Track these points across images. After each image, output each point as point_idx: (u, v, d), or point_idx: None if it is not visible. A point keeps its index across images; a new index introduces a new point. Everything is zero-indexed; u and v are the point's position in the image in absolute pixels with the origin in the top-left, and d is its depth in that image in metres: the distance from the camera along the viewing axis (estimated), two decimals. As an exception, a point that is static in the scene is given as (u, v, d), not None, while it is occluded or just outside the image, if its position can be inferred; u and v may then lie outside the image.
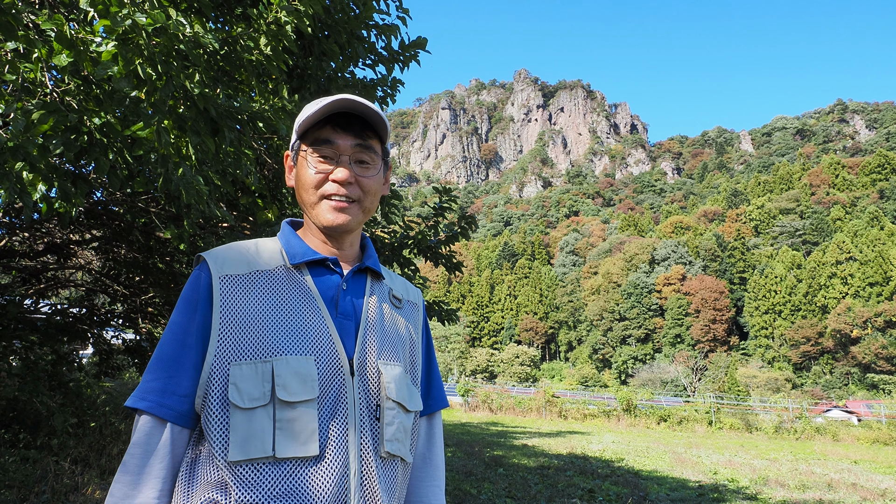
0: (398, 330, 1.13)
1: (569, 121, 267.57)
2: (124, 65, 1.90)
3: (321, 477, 0.93)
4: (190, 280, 1.03)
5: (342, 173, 1.04)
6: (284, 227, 1.13)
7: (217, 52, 2.43)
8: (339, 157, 1.05)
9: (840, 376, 65.55)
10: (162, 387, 0.95)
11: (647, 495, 7.28)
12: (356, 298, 1.08)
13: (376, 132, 1.09)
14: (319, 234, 1.09)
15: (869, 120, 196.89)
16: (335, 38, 3.98)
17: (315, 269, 1.07)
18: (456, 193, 6.62)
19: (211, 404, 0.94)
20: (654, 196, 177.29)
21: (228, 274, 1.01)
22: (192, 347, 0.97)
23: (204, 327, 0.98)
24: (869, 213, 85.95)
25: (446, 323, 5.81)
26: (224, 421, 0.93)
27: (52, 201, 2.15)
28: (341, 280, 1.07)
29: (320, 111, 1.03)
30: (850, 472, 10.58)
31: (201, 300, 0.99)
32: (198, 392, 0.96)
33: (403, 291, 1.22)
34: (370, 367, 1.04)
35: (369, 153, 1.07)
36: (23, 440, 5.50)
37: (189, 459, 0.97)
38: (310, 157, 1.06)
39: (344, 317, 1.04)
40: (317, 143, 1.05)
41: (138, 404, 0.94)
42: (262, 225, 4.74)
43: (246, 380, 0.93)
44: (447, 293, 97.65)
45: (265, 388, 0.93)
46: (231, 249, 1.05)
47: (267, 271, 1.03)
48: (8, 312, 5.41)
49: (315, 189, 1.05)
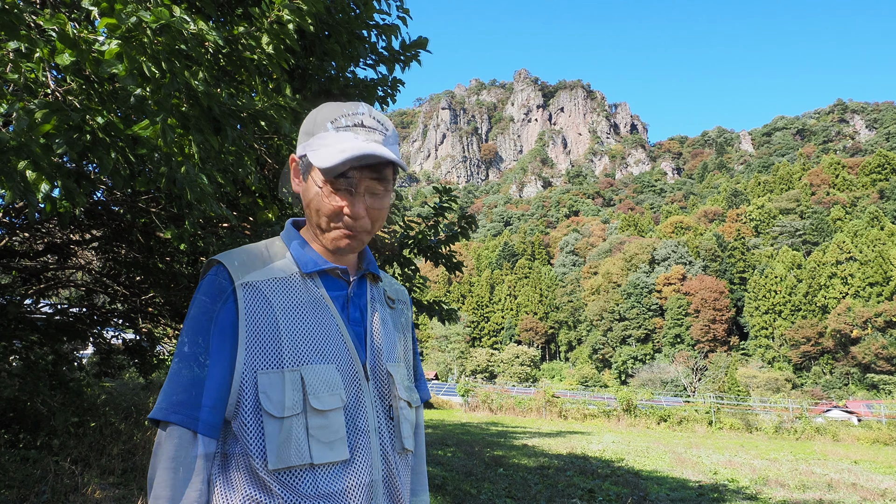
0: (396, 330, 1.19)
1: (569, 121, 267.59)
2: (129, 63, 1.90)
3: (353, 479, 0.98)
4: (207, 285, 1.01)
5: (357, 209, 1.02)
6: (289, 230, 1.13)
7: (220, 49, 2.43)
8: (355, 190, 1.02)
9: (840, 376, 65.58)
10: (191, 399, 0.95)
11: (647, 495, 7.28)
12: (362, 304, 1.12)
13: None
14: (320, 237, 1.09)
15: (869, 120, 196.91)
16: (336, 38, 3.98)
17: (325, 277, 1.09)
18: (456, 193, 6.62)
19: (245, 413, 0.95)
20: (654, 196, 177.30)
21: (249, 281, 1.01)
22: (217, 356, 0.97)
23: (228, 335, 0.97)
24: (869, 213, 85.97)
25: (446, 323, 5.82)
26: (259, 429, 0.94)
27: (56, 200, 2.15)
28: (349, 287, 1.10)
29: (342, 163, 0.98)
30: (850, 472, 10.58)
31: (223, 307, 0.99)
32: (229, 401, 0.96)
33: (394, 292, 1.25)
34: (381, 370, 1.09)
35: (384, 184, 1.05)
36: (23, 440, 5.50)
37: (220, 463, 0.98)
38: (323, 187, 1.02)
39: (354, 323, 1.08)
40: (330, 173, 1.00)
41: (170, 417, 0.94)
42: (262, 225, 4.74)
43: (276, 388, 0.95)
44: (447, 293, 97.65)
45: (297, 398, 0.96)
46: (245, 254, 1.05)
47: (283, 278, 1.04)
48: (8, 312, 5.41)
49: (328, 219, 1.04)
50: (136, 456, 5.96)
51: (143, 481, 5.28)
